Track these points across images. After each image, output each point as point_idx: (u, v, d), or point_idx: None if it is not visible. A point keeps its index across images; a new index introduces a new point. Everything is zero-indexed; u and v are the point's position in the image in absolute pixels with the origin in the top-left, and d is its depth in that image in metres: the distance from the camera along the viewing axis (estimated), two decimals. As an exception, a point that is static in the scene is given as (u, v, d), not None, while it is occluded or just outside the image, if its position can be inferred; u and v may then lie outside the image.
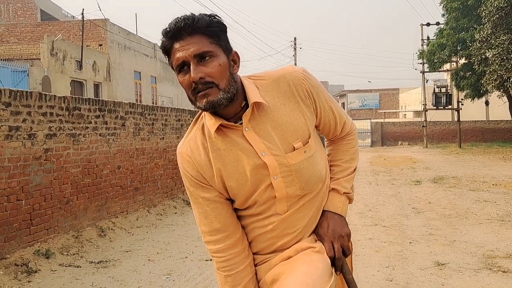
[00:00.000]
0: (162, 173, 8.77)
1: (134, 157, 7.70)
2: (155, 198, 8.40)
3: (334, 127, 1.68)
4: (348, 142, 1.75)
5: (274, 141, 1.49)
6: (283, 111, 1.52)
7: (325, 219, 1.61)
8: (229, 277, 1.59)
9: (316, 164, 1.56)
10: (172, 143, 9.26)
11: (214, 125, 1.49)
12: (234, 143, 1.50)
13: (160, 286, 4.51)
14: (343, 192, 1.66)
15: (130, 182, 7.56)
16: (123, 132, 7.33)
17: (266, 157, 1.48)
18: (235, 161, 1.50)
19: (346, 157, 1.73)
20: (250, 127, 1.49)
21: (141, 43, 25.34)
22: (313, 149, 1.55)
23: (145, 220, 7.51)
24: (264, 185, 1.50)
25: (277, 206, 1.53)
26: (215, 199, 1.57)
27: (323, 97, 1.60)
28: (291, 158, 1.50)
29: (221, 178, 1.53)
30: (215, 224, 1.57)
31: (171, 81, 29.13)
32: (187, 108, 10.60)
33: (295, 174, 1.50)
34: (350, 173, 1.71)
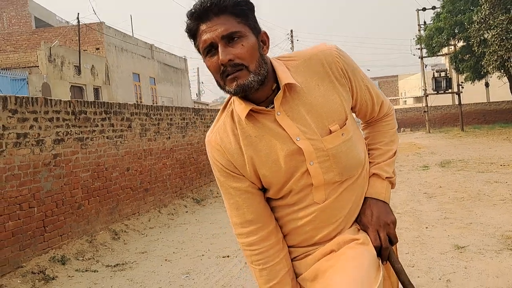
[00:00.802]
0: (170, 173, 8.73)
1: (142, 158, 7.65)
2: (165, 198, 8.36)
3: (372, 107, 1.57)
4: (386, 123, 1.64)
5: (309, 124, 1.40)
6: (317, 92, 1.43)
7: (368, 206, 1.52)
8: (264, 270, 1.50)
9: (354, 147, 1.46)
10: (178, 142, 9.21)
11: (245, 110, 1.40)
12: (266, 129, 1.42)
13: (180, 285, 4.47)
14: (386, 176, 1.56)
15: (140, 184, 7.52)
16: (129, 133, 7.28)
17: (301, 142, 1.39)
18: (268, 147, 1.42)
19: (386, 139, 1.62)
20: (283, 110, 1.41)
21: (137, 45, 25.25)
22: (350, 131, 1.45)
23: (157, 220, 7.47)
24: (300, 172, 1.42)
25: (315, 195, 1.44)
26: (247, 189, 1.49)
27: (359, 75, 1.50)
28: (328, 141, 1.41)
29: (253, 166, 1.45)
30: (248, 215, 1.49)
31: (170, 81, 29.08)
32: (189, 107, 10.54)
33: (332, 159, 1.41)
34: (391, 156, 1.60)
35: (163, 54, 28.80)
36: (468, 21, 22.08)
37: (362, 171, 1.53)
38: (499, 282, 3.77)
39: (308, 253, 1.52)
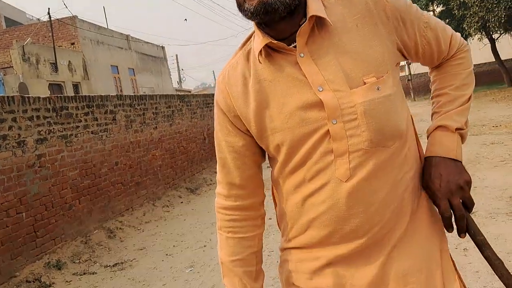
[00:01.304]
0: (161, 164, 8.45)
1: (130, 151, 7.36)
2: (158, 191, 8.10)
3: (438, 47, 1.23)
4: (458, 63, 1.28)
5: (338, 72, 1.09)
6: (355, 35, 1.11)
7: (434, 167, 1.19)
8: (231, 240, 1.27)
9: (392, 109, 1.11)
10: (166, 131, 8.92)
11: (260, 45, 1.12)
12: (283, 73, 1.12)
13: (185, 280, 4.25)
14: (456, 128, 1.22)
15: (130, 178, 7.24)
16: (115, 126, 6.98)
17: (324, 93, 1.08)
18: (283, 96, 1.12)
19: (457, 82, 1.27)
20: (307, 52, 1.10)
21: (113, 36, 24.63)
22: (389, 89, 1.11)
23: (152, 214, 7.22)
24: (319, 134, 1.09)
25: (337, 168, 1.09)
26: (240, 150, 1.23)
27: (414, 14, 1.18)
28: (358, 94, 1.08)
29: (260, 119, 1.16)
30: (233, 178, 1.25)
31: (149, 71, 28.54)
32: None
33: (361, 118, 1.07)
34: (464, 103, 1.26)
35: (140, 43, 28.19)
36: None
37: (403, 148, 1.15)
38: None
39: (330, 262, 1.16)
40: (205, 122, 11.42)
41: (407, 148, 1.15)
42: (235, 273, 1.27)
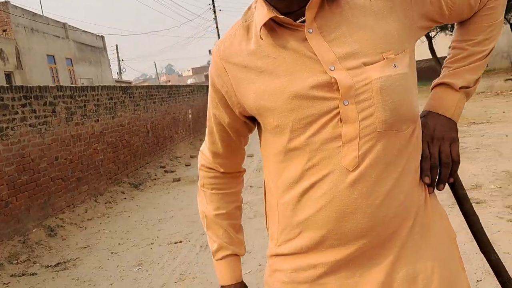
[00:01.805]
0: (103, 158, 8.13)
1: (70, 145, 7.01)
2: (100, 186, 7.78)
3: (467, 4, 1.12)
4: (486, 14, 1.15)
5: (351, 49, 1.00)
6: (368, 10, 1.03)
7: (429, 119, 1.15)
8: (215, 195, 1.28)
9: (409, 89, 1.03)
10: (108, 124, 8.58)
11: (264, 18, 1.02)
12: (289, 50, 1.03)
13: (133, 279, 4.10)
14: (460, 86, 1.15)
15: (71, 173, 6.90)
16: (54, 119, 6.61)
17: (336, 72, 0.98)
18: (288, 75, 1.02)
19: (479, 37, 1.16)
20: (316, 27, 1.01)
21: (49, 24, 23.46)
22: (406, 67, 1.02)
23: (95, 211, 6.93)
24: (327, 117, 0.99)
25: (343, 155, 0.99)
26: (226, 125, 1.18)
27: None
28: (375, 70, 0.99)
29: (260, 97, 1.06)
30: (217, 148, 1.25)
31: (88, 61, 27.47)
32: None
33: (377, 96, 0.98)
34: (480, 59, 1.16)
35: (79, 32, 27.05)
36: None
37: (413, 136, 1.07)
38: (461, 237, 3.75)
39: (330, 270, 1.06)
40: (149, 115, 11.12)
41: (416, 137, 1.08)
42: (220, 225, 1.29)
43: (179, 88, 15.15)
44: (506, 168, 5.87)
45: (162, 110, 12.29)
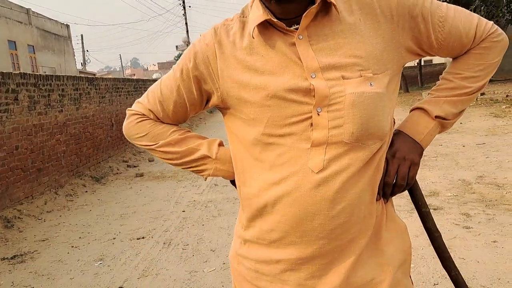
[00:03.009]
0: (65, 150, 7.94)
1: (32, 134, 6.82)
2: (61, 178, 7.61)
3: (458, 41, 1.16)
4: (479, 52, 1.18)
5: (334, 61, 1.06)
6: (357, 29, 1.09)
7: (397, 138, 1.18)
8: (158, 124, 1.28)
9: (380, 108, 1.07)
10: (72, 115, 8.39)
11: (259, 18, 1.08)
12: (277, 51, 1.08)
13: (94, 274, 4.03)
14: (437, 115, 1.19)
15: (32, 163, 6.72)
16: (16, 107, 6.42)
17: (316, 80, 1.04)
18: (271, 73, 1.08)
19: (467, 73, 1.19)
20: (307, 35, 1.07)
21: (12, 9, 22.68)
22: (382, 88, 1.07)
23: (55, 203, 6.77)
24: (300, 119, 1.06)
25: (311, 157, 1.06)
26: (188, 101, 1.23)
27: (427, 8, 1.12)
28: (351, 85, 1.05)
29: (241, 88, 1.12)
30: (164, 117, 1.27)
31: (51, 49, 26.70)
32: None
33: (348, 109, 1.04)
34: (463, 95, 1.19)
35: (43, 19, 26.27)
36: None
37: (379, 153, 1.12)
38: (420, 240, 3.90)
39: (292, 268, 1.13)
40: (114, 108, 10.94)
41: (383, 153, 1.14)
42: (185, 134, 1.29)
43: (146, 82, 14.98)
44: (462, 177, 6.11)
45: (128, 104, 12.11)
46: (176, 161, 1.28)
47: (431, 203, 5.10)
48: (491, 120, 11.03)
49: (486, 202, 4.97)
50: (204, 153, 1.26)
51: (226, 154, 1.26)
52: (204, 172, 1.28)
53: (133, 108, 1.31)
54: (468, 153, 7.64)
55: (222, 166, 1.26)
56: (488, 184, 5.65)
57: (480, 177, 5.98)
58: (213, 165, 1.26)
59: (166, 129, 1.28)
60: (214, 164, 1.26)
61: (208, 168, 1.27)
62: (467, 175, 6.15)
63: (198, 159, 1.26)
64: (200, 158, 1.26)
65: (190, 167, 1.29)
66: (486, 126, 10.19)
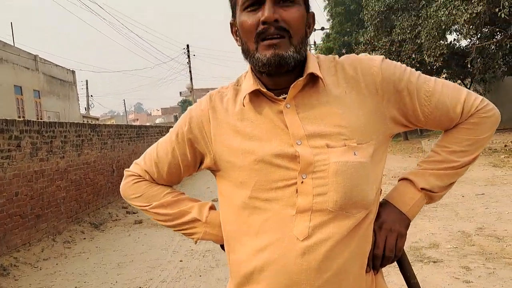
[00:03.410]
0: (65, 196, 7.95)
1: (33, 181, 6.86)
2: (59, 225, 7.58)
3: (445, 116, 1.19)
4: (467, 127, 1.20)
5: (319, 130, 1.11)
6: (342, 100, 1.14)
7: (384, 208, 1.21)
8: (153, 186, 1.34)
9: (364, 177, 1.11)
10: (73, 161, 8.45)
11: (250, 88, 1.16)
12: (266, 118, 1.15)
13: (88, 326, 3.97)
14: (422, 187, 1.21)
15: (31, 210, 6.72)
16: (18, 153, 6.49)
17: (301, 147, 1.09)
18: (259, 139, 1.13)
19: (454, 147, 1.21)
20: (294, 105, 1.13)
21: (20, 55, 23.23)
22: (366, 158, 1.11)
23: (52, 250, 6.72)
24: (286, 185, 1.10)
25: (296, 224, 1.08)
26: (182, 164, 1.30)
27: (413, 83, 1.17)
28: (335, 154, 1.09)
29: (231, 153, 1.17)
30: (159, 179, 1.34)
31: (56, 94, 27.14)
32: (77, 123, 9.78)
33: (332, 177, 1.07)
34: (450, 169, 1.22)
35: (49, 65, 26.85)
36: (355, 41, 23.57)
37: (365, 222, 1.14)
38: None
39: None
40: (115, 154, 11.02)
41: (369, 223, 1.16)
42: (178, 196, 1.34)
43: (148, 128, 15.14)
44: (462, 228, 6.07)
45: (129, 150, 12.21)
46: (168, 223, 1.33)
47: (431, 255, 5.05)
48: (490, 170, 11.05)
49: (486, 255, 4.92)
50: (195, 216, 1.29)
51: (216, 218, 1.29)
52: (194, 236, 1.31)
53: (131, 169, 1.37)
54: (467, 203, 7.62)
55: (212, 230, 1.29)
56: (488, 236, 5.61)
57: (480, 229, 5.95)
58: (203, 228, 1.30)
59: (160, 190, 1.33)
60: (204, 227, 1.29)
61: (198, 231, 1.30)
62: (467, 227, 6.12)
63: (189, 222, 1.30)
64: (191, 221, 1.30)
65: (181, 229, 1.32)
66: (485, 176, 10.20)
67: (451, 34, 18.73)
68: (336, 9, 25.89)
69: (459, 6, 13.36)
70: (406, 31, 18.21)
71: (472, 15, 12.72)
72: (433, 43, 16.01)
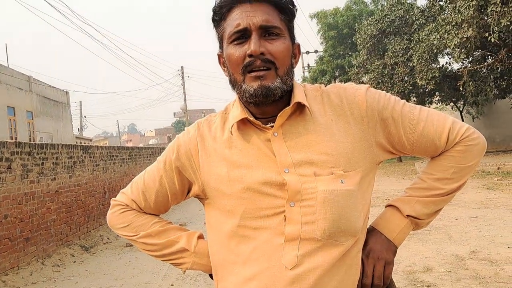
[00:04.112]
0: (55, 218, 7.86)
1: (22, 203, 6.78)
2: (48, 248, 7.46)
3: (431, 144, 1.20)
4: (452, 155, 1.21)
5: (307, 159, 1.11)
6: (328, 128, 1.16)
7: (371, 236, 1.21)
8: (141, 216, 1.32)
9: (352, 205, 1.11)
10: (64, 183, 8.38)
11: (238, 117, 1.16)
12: (254, 146, 1.15)
13: None
14: (407, 214, 1.21)
15: (20, 232, 6.62)
16: (9, 176, 6.42)
17: (289, 175, 1.09)
18: (247, 167, 1.13)
19: (440, 174, 1.21)
20: (281, 133, 1.14)
21: (13, 76, 23.25)
22: (354, 185, 1.12)
23: (41, 274, 6.60)
24: (274, 213, 1.10)
25: (284, 252, 1.07)
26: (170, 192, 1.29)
27: (398, 112, 1.18)
28: (322, 182, 1.09)
29: (219, 180, 1.17)
30: (146, 207, 1.32)
31: (49, 115, 27.08)
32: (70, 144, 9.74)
33: (320, 205, 1.08)
34: (436, 196, 1.22)
35: (43, 86, 26.87)
36: (348, 65, 23.85)
37: (354, 250, 1.14)
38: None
39: None
40: (108, 176, 10.95)
41: (357, 251, 1.16)
42: (165, 225, 1.31)
43: (141, 150, 15.10)
44: (455, 251, 6.04)
45: (121, 171, 12.14)
46: (156, 253, 1.30)
47: (425, 279, 5.01)
48: (483, 192, 11.07)
49: (479, 279, 4.89)
50: (183, 246, 1.27)
51: (204, 248, 1.27)
52: (182, 266, 1.29)
53: (117, 199, 1.35)
54: (461, 226, 7.60)
55: (200, 260, 1.27)
56: (482, 260, 5.58)
57: (473, 252, 5.92)
58: (192, 258, 1.27)
59: (147, 220, 1.31)
60: (192, 257, 1.27)
61: (186, 261, 1.28)
62: (460, 250, 6.08)
63: (177, 251, 1.28)
64: (179, 251, 1.28)
65: (169, 259, 1.30)
66: (479, 199, 10.21)
67: (443, 57, 19.01)
68: (329, 32, 26.25)
69: (450, 31, 13.58)
70: (399, 54, 18.47)
71: (462, 39, 12.92)
72: (425, 66, 16.23)
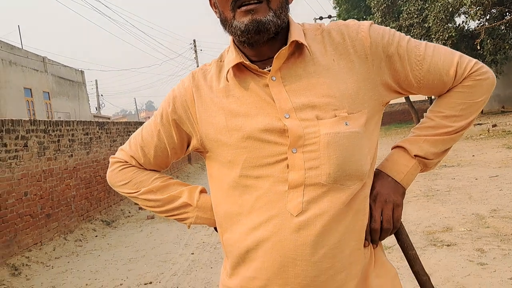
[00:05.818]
0: (75, 194, 7.97)
1: (41, 180, 6.87)
2: (70, 223, 7.60)
3: (438, 80, 1.12)
4: (461, 91, 1.13)
5: (308, 102, 1.04)
6: (330, 68, 1.07)
7: (377, 179, 1.15)
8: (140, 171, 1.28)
9: (358, 148, 1.05)
10: (82, 160, 8.46)
11: (233, 62, 1.09)
12: (252, 93, 1.08)
13: (98, 322, 3.95)
14: (415, 154, 1.15)
15: (41, 209, 6.73)
16: (26, 153, 6.50)
17: (290, 121, 1.03)
18: (246, 115, 1.07)
19: (448, 112, 1.14)
20: (280, 77, 1.07)
21: (28, 57, 23.38)
22: (359, 127, 1.05)
23: (63, 249, 6.73)
24: (276, 160, 1.04)
25: (289, 200, 1.03)
26: (169, 146, 1.24)
27: (404, 48, 1.10)
28: (325, 125, 1.02)
29: (218, 131, 1.11)
30: (146, 163, 1.27)
31: (66, 95, 27.30)
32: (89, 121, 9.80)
33: (323, 150, 1.02)
34: (444, 134, 1.14)
35: (58, 66, 27.00)
36: (362, 28, 23.27)
37: (361, 194, 1.08)
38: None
39: None
40: (125, 151, 11.02)
41: (365, 195, 1.11)
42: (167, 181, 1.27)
43: (157, 124, 15.15)
44: (475, 211, 5.96)
45: (139, 146, 12.22)
46: (158, 209, 1.27)
47: (445, 238, 4.95)
48: (504, 151, 10.85)
49: (501, 237, 4.81)
50: (185, 201, 1.24)
51: (207, 202, 1.24)
52: (186, 220, 1.26)
53: (116, 156, 1.31)
54: (481, 186, 7.48)
55: (204, 214, 1.24)
56: (503, 217, 5.49)
57: (494, 211, 5.82)
58: (195, 213, 1.24)
59: (148, 176, 1.27)
60: (195, 212, 1.24)
61: (190, 216, 1.25)
62: (481, 209, 5.99)
63: (180, 207, 1.25)
64: (182, 206, 1.25)
65: (172, 215, 1.27)
66: (499, 158, 10.03)
67: (459, 16, 18.44)
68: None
69: (466, -13, 13.11)
70: (414, 15, 17.98)
71: (479, -5, 12.47)
72: (441, 26, 15.78)
